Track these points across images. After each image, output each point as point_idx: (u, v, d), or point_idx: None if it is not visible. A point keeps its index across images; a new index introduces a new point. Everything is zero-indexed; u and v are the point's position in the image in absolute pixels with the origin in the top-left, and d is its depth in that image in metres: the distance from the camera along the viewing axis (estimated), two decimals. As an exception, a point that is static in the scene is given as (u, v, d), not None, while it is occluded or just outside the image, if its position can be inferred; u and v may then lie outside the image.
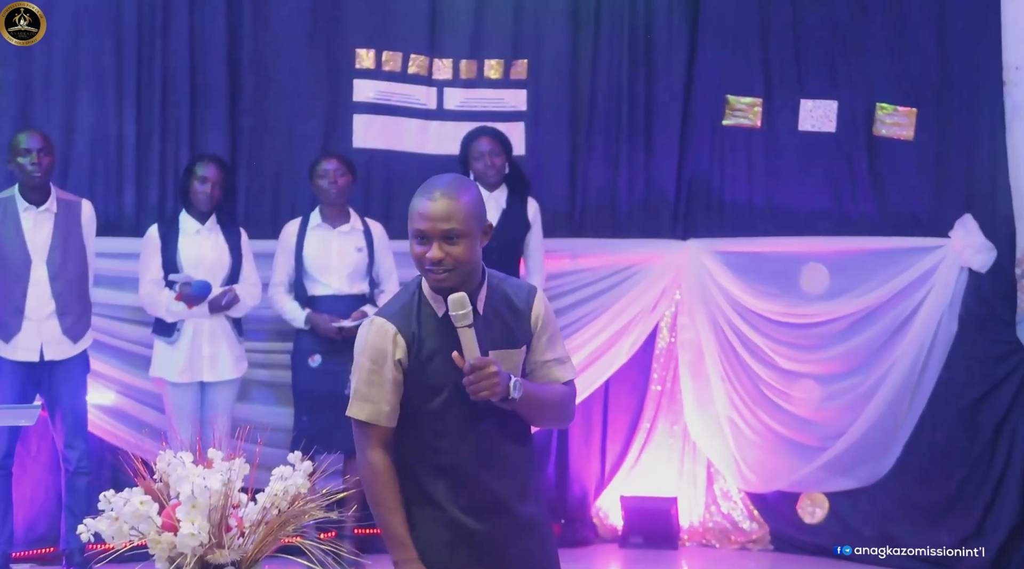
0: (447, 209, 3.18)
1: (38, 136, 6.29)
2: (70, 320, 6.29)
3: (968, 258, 6.84)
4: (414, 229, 3.22)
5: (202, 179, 6.57)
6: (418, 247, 3.22)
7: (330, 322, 6.58)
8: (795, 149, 7.25)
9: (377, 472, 3.29)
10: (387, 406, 3.28)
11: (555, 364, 3.38)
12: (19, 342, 6.22)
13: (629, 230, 7.41)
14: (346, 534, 6.38)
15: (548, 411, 3.38)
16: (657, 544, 7.12)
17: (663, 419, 7.38)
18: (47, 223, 6.29)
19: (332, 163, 6.72)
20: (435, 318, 3.26)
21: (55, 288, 6.26)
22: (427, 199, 3.20)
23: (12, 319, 6.21)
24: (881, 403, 6.86)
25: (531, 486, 3.38)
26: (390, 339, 3.24)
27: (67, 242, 6.31)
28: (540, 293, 3.39)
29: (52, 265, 6.26)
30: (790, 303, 7.11)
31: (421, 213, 3.20)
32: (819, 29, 7.25)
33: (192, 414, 6.49)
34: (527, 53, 7.42)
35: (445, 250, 3.18)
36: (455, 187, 3.23)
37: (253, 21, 7.21)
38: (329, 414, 6.59)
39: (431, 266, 3.20)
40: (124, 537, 3.22)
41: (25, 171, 6.23)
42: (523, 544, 3.33)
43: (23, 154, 6.22)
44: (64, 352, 6.29)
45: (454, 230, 3.18)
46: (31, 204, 6.28)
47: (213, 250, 6.63)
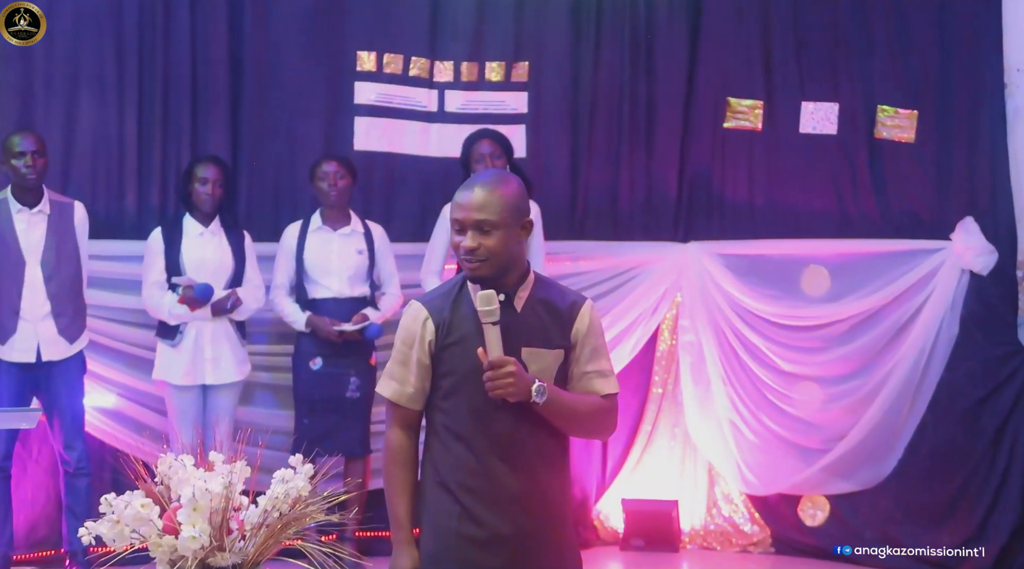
0: (482, 200, 3.28)
1: (32, 138, 6.29)
2: (65, 320, 6.29)
3: (969, 260, 6.84)
4: (452, 218, 3.34)
5: (202, 180, 6.57)
6: (456, 237, 3.33)
7: (331, 325, 6.58)
8: (796, 151, 7.25)
9: (392, 450, 3.40)
10: (411, 388, 3.36)
11: (596, 376, 3.43)
12: (16, 343, 6.23)
13: (630, 232, 7.41)
14: (347, 537, 6.38)
15: (579, 421, 3.41)
16: (658, 547, 7.11)
17: (664, 422, 7.37)
18: (40, 225, 6.29)
19: (332, 165, 6.72)
20: (471, 309, 3.32)
21: (50, 289, 6.26)
22: (467, 190, 3.32)
23: (8, 320, 6.22)
24: (882, 405, 6.86)
25: (551, 485, 3.39)
26: (420, 323, 3.35)
27: (60, 243, 6.31)
28: (588, 305, 3.44)
29: (46, 266, 6.27)
30: (791, 305, 7.11)
31: (459, 203, 3.32)
32: (820, 31, 7.25)
33: (195, 417, 6.49)
34: (528, 55, 7.42)
35: (478, 240, 3.28)
36: (496, 180, 3.35)
37: (254, 23, 7.20)
38: (330, 417, 6.60)
39: (465, 255, 3.30)
40: (125, 540, 3.22)
41: (19, 173, 6.22)
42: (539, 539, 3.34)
43: (17, 156, 6.21)
44: (61, 352, 6.29)
45: (487, 221, 3.27)
46: (24, 206, 6.28)
47: (216, 253, 6.63)
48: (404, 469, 3.36)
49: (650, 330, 7.32)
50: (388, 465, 3.40)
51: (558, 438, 3.41)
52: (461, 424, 3.32)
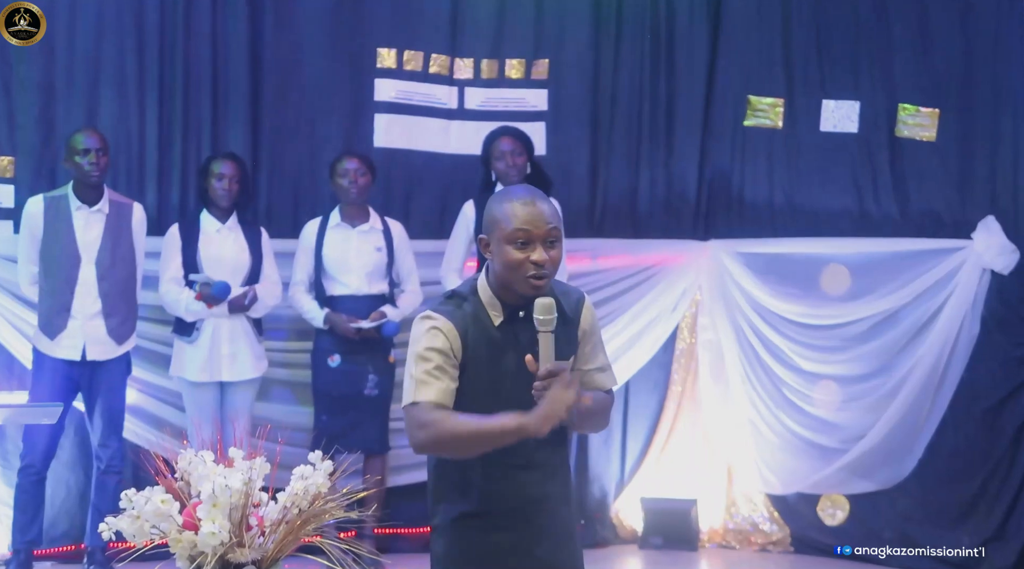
0: (549, 211, 3.20)
1: (97, 136, 6.31)
2: (115, 321, 6.31)
3: (990, 259, 6.81)
4: (515, 232, 3.16)
5: (219, 176, 6.59)
6: (517, 253, 3.17)
7: (348, 323, 6.59)
8: (817, 150, 7.24)
9: (446, 423, 3.15)
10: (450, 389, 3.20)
11: (597, 373, 3.38)
12: (63, 340, 6.24)
13: (650, 230, 7.41)
14: (366, 534, 6.38)
15: (593, 419, 3.38)
16: (677, 545, 7.11)
17: (683, 420, 7.36)
18: (98, 223, 6.31)
19: (353, 162, 6.73)
20: (487, 325, 3.24)
21: (102, 288, 6.28)
22: (525, 204, 3.19)
23: (59, 317, 6.23)
24: (902, 405, 6.83)
25: (567, 489, 3.39)
26: (449, 334, 3.20)
27: (117, 243, 6.33)
28: (587, 301, 3.39)
29: (101, 265, 6.28)
30: (811, 304, 7.09)
31: (524, 217, 3.17)
32: (841, 29, 7.23)
33: (212, 413, 6.50)
34: (548, 53, 7.42)
35: (548, 253, 3.18)
36: (541, 193, 3.25)
37: (275, 21, 7.22)
38: (349, 414, 6.62)
39: (535, 270, 3.17)
40: (145, 535, 3.23)
41: (83, 171, 6.23)
42: (550, 544, 3.33)
43: (81, 154, 6.22)
44: (107, 353, 6.30)
45: (556, 231, 3.19)
46: (84, 203, 6.29)
47: (233, 249, 6.64)
48: (458, 416, 3.15)
49: (669, 328, 7.32)
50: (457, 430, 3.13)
51: (565, 442, 3.39)
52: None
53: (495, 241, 3.20)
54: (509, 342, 3.23)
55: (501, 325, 3.23)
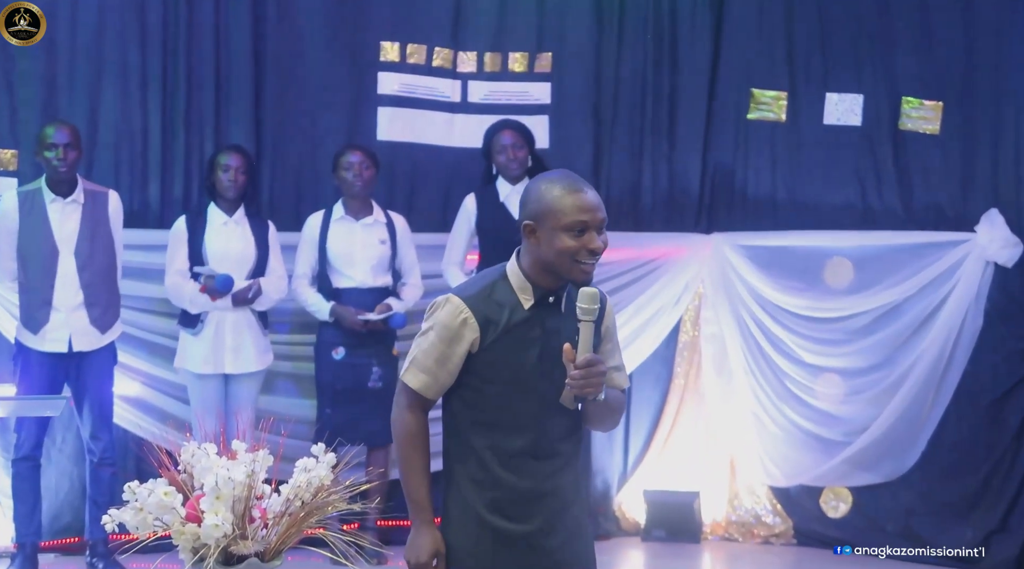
0: (598, 199, 3.23)
1: (66, 130, 6.29)
2: (98, 311, 6.31)
3: (994, 252, 6.80)
4: (574, 221, 3.17)
5: (225, 167, 6.59)
6: (573, 241, 3.18)
7: (356, 315, 6.60)
8: (820, 143, 7.23)
9: (411, 434, 3.28)
10: (441, 383, 3.26)
11: (614, 371, 3.38)
12: (48, 333, 6.24)
13: (653, 223, 7.41)
14: (369, 526, 6.39)
15: (609, 416, 3.40)
16: (679, 538, 7.11)
17: (686, 413, 7.36)
18: (74, 214, 6.31)
19: (356, 156, 6.73)
20: (516, 309, 3.23)
21: (83, 279, 6.28)
22: (579, 192, 3.19)
23: (41, 310, 6.23)
24: (905, 398, 6.84)
25: (575, 481, 3.39)
26: (464, 323, 3.21)
27: (95, 233, 6.33)
28: (608, 299, 3.39)
29: (80, 256, 6.28)
30: (814, 297, 7.09)
31: (581, 205, 3.18)
32: (844, 22, 7.22)
33: (216, 405, 6.51)
34: (551, 46, 7.42)
35: (600, 239, 3.21)
36: (584, 180, 3.26)
37: (278, 14, 7.22)
38: (352, 406, 6.62)
39: (591, 257, 3.20)
40: (148, 528, 3.24)
41: (50, 165, 6.24)
42: (563, 536, 3.33)
43: (49, 148, 6.22)
44: (92, 343, 6.31)
45: (606, 219, 3.23)
46: (58, 196, 6.29)
47: (239, 242, 6.65)
48: (422, 453, 3.27)
49: (672, 321, 7.32)
50: (406, 449, 3.28)
51: (580, 435, 3.40)
52: (498, 424, 3.25)
53: (547, 229, 3.19)
54: (535, 326, 3.24)
55: (530, 309, 3.24)
